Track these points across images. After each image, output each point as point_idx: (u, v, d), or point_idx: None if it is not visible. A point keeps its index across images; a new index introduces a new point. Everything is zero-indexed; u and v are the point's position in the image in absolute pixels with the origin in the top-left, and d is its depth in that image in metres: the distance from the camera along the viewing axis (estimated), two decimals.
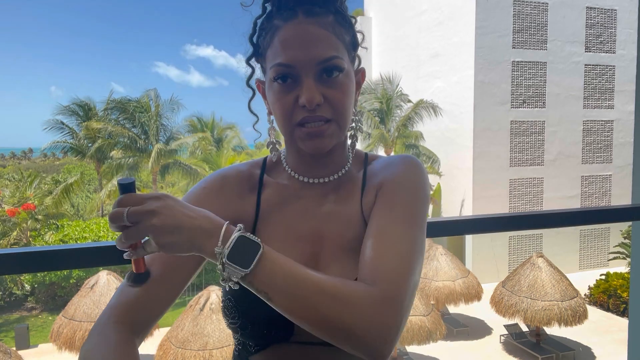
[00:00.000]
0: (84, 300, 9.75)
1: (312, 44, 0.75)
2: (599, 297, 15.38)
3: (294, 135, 0.79)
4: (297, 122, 0.77)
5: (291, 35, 0.76)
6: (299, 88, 0.76)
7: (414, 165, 0.84)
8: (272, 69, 0.77)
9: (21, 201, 20.20)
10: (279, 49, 0.76)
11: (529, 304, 11.35)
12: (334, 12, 0.79)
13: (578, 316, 11.19)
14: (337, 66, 0.76)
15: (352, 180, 0.89)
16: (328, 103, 0.77)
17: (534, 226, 1.49)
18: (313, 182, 0.87)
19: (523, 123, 18.87)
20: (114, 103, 20.81)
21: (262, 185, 0.89)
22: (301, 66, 0.75)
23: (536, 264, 11.92)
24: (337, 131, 0.79)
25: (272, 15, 0.79)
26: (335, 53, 0.76)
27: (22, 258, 1.06)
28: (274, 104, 0.79)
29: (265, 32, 0.80)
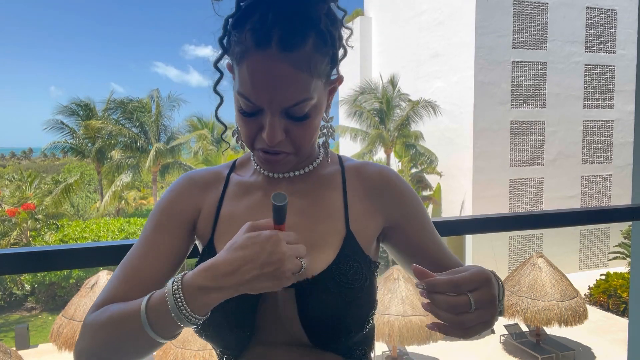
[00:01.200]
0: (84, 300, 9.74)
1: (281, 87, 0.69)
2: (599, 297, 15.38)
3: (255, 154, 0.80)
4: (257, 147, 0.77)
5: (261, 71, 0.69)
6: (262, 118, 0.73)
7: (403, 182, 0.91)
8: (239, 95, 0.73)
9: (21, 201, 20.20)
10: (247, 81, 0.70)
11: (529, 304, 11.35)
12: (314, 33, 0.70)
13: (578, 316, 11.18)
14: (306, 109, 0.73)
15: (328, 176, 0.88)
16: (290, 139, 0.75)
17: (534, 226, 1.49)
18: (279, 177, 0.86)
19: (523, 123, 18.87)
20: (114, 103, 20.81)
21: (228, 182, 0.90)
22: (267, 106, 0.71)
23: (536, 264, 11.92)
24: (293, 159, 0.80)
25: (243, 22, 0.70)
26: (306, 95, 0.71)
27: (22, 258, 1.06)
28: (238, 121, 0.77)
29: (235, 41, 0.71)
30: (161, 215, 0.85)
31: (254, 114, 0.73)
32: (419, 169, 20.24)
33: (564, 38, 18.93)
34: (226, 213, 0.86)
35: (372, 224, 0.85)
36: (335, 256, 0.79)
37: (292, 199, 0.84)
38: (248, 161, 0.93)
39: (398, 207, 0.86)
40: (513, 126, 18.74)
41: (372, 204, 0.86)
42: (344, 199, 0.85)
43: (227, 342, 0.80)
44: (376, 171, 0.88)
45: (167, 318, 0.66)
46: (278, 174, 0.86)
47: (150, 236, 0.83)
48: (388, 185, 0.87)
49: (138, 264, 0.80)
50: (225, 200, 0.87)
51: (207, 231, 0.85)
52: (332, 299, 0.75)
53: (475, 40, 17.99)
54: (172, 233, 0.84)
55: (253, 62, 0.69)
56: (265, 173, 0.87)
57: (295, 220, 0.81)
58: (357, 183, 0.87)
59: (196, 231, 0.87)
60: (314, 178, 0.88)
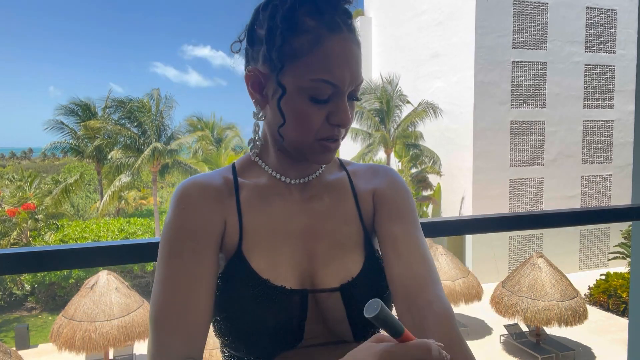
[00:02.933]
0: (84, 300, 9.74)
1: (355, 63, 0.74)
2: (599, 297, 15.38)
3: (310, 147, 0.77)
4: (321, 138, 0.76)
5: (340, 50, 0.72)
6: (332, 105, 0.74)
7: (398, 177, 0.91)
8: (312, 83, 0.72)
9: (21, 201, 20.21)
10: (326, 64, 0.71)
11: (529, 304, 11.35)
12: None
13: (578, 316, 11.18)
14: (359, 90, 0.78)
15: (337, 180, 0.89)
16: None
17: (534, 226, 1.49)
18: (295, 182, 0.85)
19: (523, 123, 18.87)
20: (113, 102, 20.81)
21: (239, 187, 0.84)
22: (344, 87, 0.73)
23: (536, 264, 11.92)
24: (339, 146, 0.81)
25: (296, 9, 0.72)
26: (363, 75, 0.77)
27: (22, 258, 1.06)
28: (300, 115, 0.74)
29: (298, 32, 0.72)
30: (184, 242, 0.75)
31: (326, 100, 0.74)
32: (419, 169, 20.24)
33: (564, 38, 18.93)
34: (250, 221, 0.81)
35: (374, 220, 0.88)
36: (365, 256, 0.82)
37: (310, 203, 0.85)
38: (251, 165, 0.87)
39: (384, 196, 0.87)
40: (513, 126, 18.75)
41: (371, 197, 0.88)
42: (356, 201, 0.87)
43: (266, 349, 0.76)
44: (374, 167, 0.92)
45: None
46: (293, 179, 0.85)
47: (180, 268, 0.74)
48: (381, 172, 0.90)
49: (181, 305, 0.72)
50: (243, 206, 0.82)
51: (234, 243, 0.79)
52: (374, 296, 0.76)
53: (475, 40, 17.99)
54: (209, 258, 0.76)
55: (331, 45, 0.72)
56: (278, 177, 0.85)
57: (319, 224, 0.83)
58: (361, 183, 0.89)
59: (223, 245, 0.80)
60: (324, 183, 0.88)
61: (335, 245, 0.82)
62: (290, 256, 0.79)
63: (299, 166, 0.85)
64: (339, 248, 0.81)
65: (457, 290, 12.45)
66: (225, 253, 0.80)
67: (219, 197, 0.81)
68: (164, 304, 0.72)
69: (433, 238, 8.20)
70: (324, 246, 0.81)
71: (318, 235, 0.82)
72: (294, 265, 0.79)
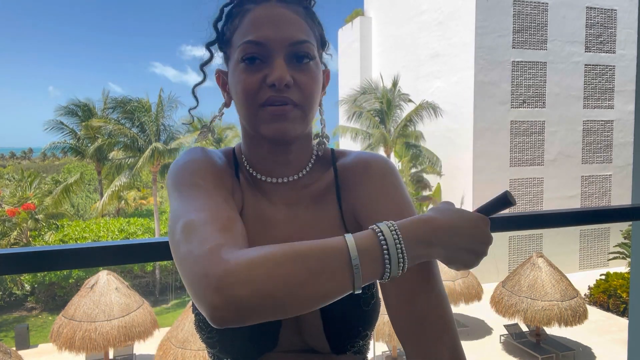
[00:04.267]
0: (84, 300, 9.74)
1: (284, 24, 0.73)
2: (599, 297, 15.38)
3: (257, 117, 0.73)
4: (262, 103, 0.72)
5: (263, 14, 0.73)
6: (267, 68, 0.72)
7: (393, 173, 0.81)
8: (240, 47, 0.73)
9: (21, 201, 20.21)
10: (250, 28, 0.73)
11: (529, 304, 11.35)
12: (304, 7, 0.78)
13: (578, 316, 11.18)
14: (309, 52, 0.74)
15: (323, 181, 0.83)
16: (297, 87, 0.73)
17: (534, 226, 1.49)
18: (275, 181, 0.80)
19: (523, 123, 18.87)
20: (113, 102, 20.80)
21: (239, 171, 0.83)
22: (272, 45, 0.72)
23: (536, 264, 11.92)
24: (301, 117, 0.74)
25: (243, 2, 0.76)
26: (307, 38, 0.74)
27: (22, 258, 1.06)
28: (237, 85, 0.74)
29: (233, 18, 0.77)
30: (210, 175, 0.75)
31: (257, 59, 0.72)
32: (419, 169, 20.24)
33: (564, 38, 18.93)
34: (250, 210, 0.80)
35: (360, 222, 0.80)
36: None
37: (294, 211, 0.80)
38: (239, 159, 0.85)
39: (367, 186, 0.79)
40: (513, 126, 18.74)
41: (354, 199, 0.80)
42: (339, 206, 0.81)
43: (244, 352, 0.76)
44: (357, 161, 0.82)
45: (376, 264, 0.59)
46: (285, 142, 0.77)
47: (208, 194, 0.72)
48: (365, 170, 0.81)
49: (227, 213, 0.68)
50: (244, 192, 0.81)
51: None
52: (353, 310, 0.75)
53: (475, 40, 17.99)
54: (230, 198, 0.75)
55: (254, 13, 0.74)
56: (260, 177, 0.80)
57: (301, 234, 0.77)
58: (346, 182, 0.82)
59: None
60: (311, 183, 0.82)
61: None
62: None
63: (279, 162, 0.80)
64: None
65: (457, 290, 12.45)
66: None
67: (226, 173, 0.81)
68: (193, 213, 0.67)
69: None
70: None
71: None
72: None
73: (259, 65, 0.73)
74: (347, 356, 0.79)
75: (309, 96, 0.74)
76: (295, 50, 0.73)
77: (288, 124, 0.73)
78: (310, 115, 0.77)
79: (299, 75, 0.73)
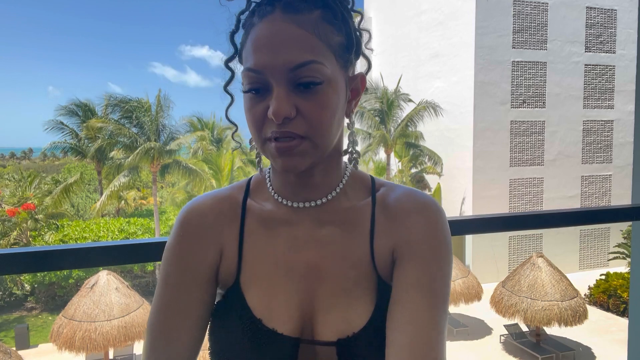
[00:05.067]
0: (84, 300, 9.74)
1: (284, 46, 0.63)
2: (599, 297, 15.38)
3: (265, 151, 0.68)
4: (267, 137, 0.66)
5: (263, 35, 0.64)
6: (270, 98, 0.64)
7: (441, 221, 0.72)
8: (243, 74, 0.67)
9: (21, 201, 20.22)
10: (250, 51, 0.65)
11: (529, 304, 11.35)
12: (322, 6, 0.66)
13: (578, 316, 11.18)
14: (315, 74, 0.64)
15: (356, 208, 0.75)
16: (302, 117, 0.64)
17: (534, 226, 1.49)
18: (301, 206, 0.74)
19: (523, 123, 18.87)
20: (113, 102, 20.80)
21: (246, 211, 0.77)
22: (271, 72, 0.63)
23: (536, 264, 11.92)
24: (311, 150, 0.66)
25: (254, 10, 0.68)
26: (313, 57, 0.64)
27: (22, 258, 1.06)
28: (246, 114, 0.68)
29: (245, 30, 0.69)
30: (178, 273, 0.74)
31: (260, 91, 0.65)
32: (419, 169, 20.25)
33: (564, 38, 18.93)
34: (251, 252, 0.75)
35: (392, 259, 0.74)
36: (374, 307, 0.71)
37: (320, 234, 0.74)
38: (263, 184, 0.79)
39: (406, 237, 0.71)
40: (513, 126, 18.75)
41: (390, 237, 0.73)
42: (371, 237, 0.73)
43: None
44: (403, 197, 0.74)
45: None
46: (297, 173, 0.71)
47: (172, 298, 0.74)
48: (405, 210, 0.73)
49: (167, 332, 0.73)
50: (246, 234, 0.76)
51: (231, 274, 0.75)
52: (374, 354, 0.69)
53: (475, 40, 17.99)
54: (198, 290, 0.74)
55: (256, 31, 0.66)
56: (281, 201, 0.75)
57: (325, 262, 0.72)
58: (383, 216, 0.74)
59: (218, 275, 0.76)
60: (341, 210, 0.75)
61: (340, 290, 0.71)
62: (290, 295, 0.72)
63: (302, 187, 0.74)
64: (344, 294, 0.71)
65: (457, 290, 12.45)
66: (222, 283, 0.76)
67: (220, 224, 0.76)
68: (154, 325, 0.74)
69: None
70: (327, 290, 0.72)
71: (322, 276, 0.72)
72: (292, 306, 0.71)
73: (264, 94, 0.65)
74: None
75: (317, 126, 0.65)
76: (297, 75, 0.63)
77: (296, 159, 0.66)
78: (325, 144, 0.68)
79: (304, 104, 0.64)
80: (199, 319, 0.74)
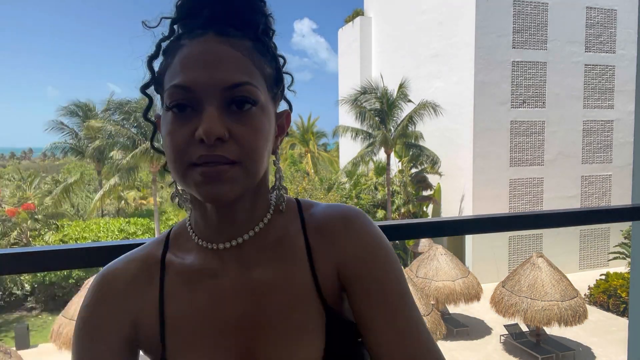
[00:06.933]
0: None
1: (219, 64, 0.60)
2: (599, 297, 15.38)
3: (187, 178, 0.61)
4: (192, 162, 0.59)
5: (195, 52, 0.61)
6: (197, 119, 0.59)
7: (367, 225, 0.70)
8: (167, 92, 0.61)
9: (21, 201, 20.22)
10: (178, 69, 0.61)
11: (529, 304, 11.35)
12: (253, 38, 0.65)
13: (578, 316, 11.19)
14: (249, 96, 0.61)
15: (288, 237, 0.70)
16: (234, 141, 0.60)
17: (534, 226, 1.49)
18: (227, 246, 0.68)
19: (523, 123, 18.87)
20: (114, 103, 20.82)
21: (165, 269, 0.71)
22: (203, 91, 0.59)
23: (536, 264, 11.92)
24: (242, 176, 0.61)
25: (180, 37, 0.65)
26: (247, 79, 0.61)
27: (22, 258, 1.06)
28: (165, 137, 0.61)
29: (167, 55, 0.65)
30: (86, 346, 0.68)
31: (185, 109, 0.60)
32: (419, 169, 20.25)
33: (564, 38, 18.93)
34: (173, 315, 0.68)
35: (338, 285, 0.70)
36: (326, 342, 0.66)
37: (249, 278, 0.68)
38: (184, 232, 0.73)
39: (346, 251, 0.69)
40: (513, 126, 18.75)
41: (330, 258, 0.69)
42: (310, 265, 0.69)
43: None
44: (329, 213, 0.72)
45: None
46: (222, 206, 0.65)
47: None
48: (343, 226, 0.70)
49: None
50: (166, 296, 0.69)
51: (156, 343, 0.69)
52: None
53: (475, 40, 18.00)
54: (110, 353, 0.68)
55: (186, 50, 0.62)
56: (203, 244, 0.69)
57: (260, 308, 0.67)
58: (318, 238, 0.70)
59: (140, 344, 0.70)
60: (272, 241, 0.70)
61: (284, 334, 0.66)
62: (227, 355, 0.66)
63: (226, 222, 0.67)
64: (290, 338, 0.66)
65: (457, 290, 12.46)
66: (150, 353, 0.70)
67: (132, 288, 0.70)
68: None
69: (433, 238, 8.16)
70: (269, 338, 0.66)
71: (260, 324, 0.66)
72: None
73: (190, 114, 0.60)
74: None
75: (250, 151, 0.61)
76: (231, 96, 0.60)
77: (224, 187, 0.60)
78: (256, 171, 0.63)
79: (236, 127, 0.60)
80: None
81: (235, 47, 0.62)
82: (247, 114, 0.61)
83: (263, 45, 0.66)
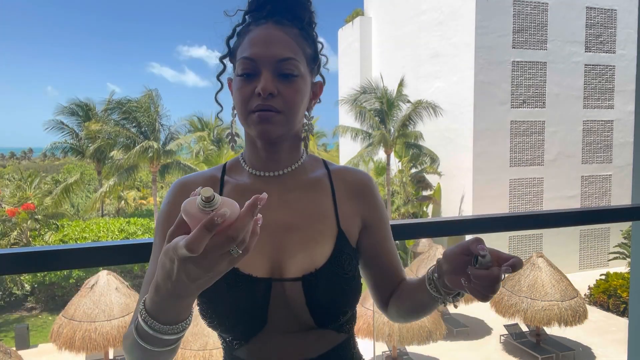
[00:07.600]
0: (84, 300, 9.74)
1: (274, 44, 0.85)
2: (599, 297, 15.38)
3: (248, 120, 0.87)
4: (252, 109, 0.85)
5: (258, 35, 0.87)
6: (257, 81, 0.85)
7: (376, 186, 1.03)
8: (238, 61, 0.87)
9: (21, 201, 20.21)
10: (247, 46, 0.87)
11: (529, 304, 11.35)
12: (300, 27, 0.90)
13: (578, 316, 11.18)
14: (294, 68, 0.86)
15: (316, 178, 0.97)
16: (281, 97, 0.85)
17: (534, 226, 1.49)
18: (269, 175, 0.94)
19: (523, 123, 18.87)
20: (113, 103, 20.79)
21: (223, 185, 0.96)
22: (262, 61, 0.85)
23: (536, 264, 11.92)
24: (284, 122, 0.86)
25: (249, 24, 0.90)
26: (294, 55, 0.86)
27: (22, 258, 1.06)
28: (236, 93, 0.88)
29: (239, 36, 0.91)
30: (163, 228, 0.89)
31: (251, 75, 0.85)
32: (419, 169, 20.24)
33: (564, 38, 18.93)
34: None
35: (356, 223, 0.97)
36: (332, 250, 0.90)
37: (287, 198, 0.93)
38: (238, 164, 0.98)
39: (373, 211, 0.99)
40: (513, 126, 18.75)
41: (355, 206, 0.97)
42: (334, 201, 0.95)
43: (239, 331, 0.87)
44: (358, 176, 1.01)
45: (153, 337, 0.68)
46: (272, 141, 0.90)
47: (158, 250, 0.88)
48: (366, 189, 0.99)
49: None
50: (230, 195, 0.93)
51: None
52: (334, 287, 0.87)
53: (475, 40, 18.00)
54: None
55: (253, 33, 0.88)
56: (254, 172, 0.94)
57: (292, 219, 0.91)
58: (343, 186, 0.97)
59: None
60: (303, 179, 0.96)
61: (306, 239, 0.90)
62: (262, 247, 0.87)
63: (271, 159, 0.93)
64: (309, 242, 0.89)
65: None
66: None
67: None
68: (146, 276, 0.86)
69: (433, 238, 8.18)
70: (294, 239, 0.89)
71: (290, 229, 0.90)
72: (264, 255, 0.88)
73: (252, 78, 0.86)
74: (328, 332, 0.90)
75: (291, 105, 0.86)
76: (281, 66, 0.85)
77: (271, 127, 0.86)
78: (293, 120, 0.88)
79: (283, 87, 0.85)
80: None
81: (287, 33, 0.87)
82: (291, 79, 0.86)
83: (307, 33, 0.91)
